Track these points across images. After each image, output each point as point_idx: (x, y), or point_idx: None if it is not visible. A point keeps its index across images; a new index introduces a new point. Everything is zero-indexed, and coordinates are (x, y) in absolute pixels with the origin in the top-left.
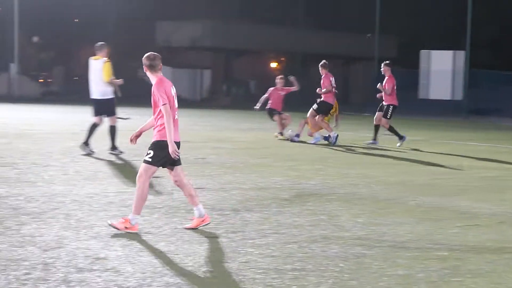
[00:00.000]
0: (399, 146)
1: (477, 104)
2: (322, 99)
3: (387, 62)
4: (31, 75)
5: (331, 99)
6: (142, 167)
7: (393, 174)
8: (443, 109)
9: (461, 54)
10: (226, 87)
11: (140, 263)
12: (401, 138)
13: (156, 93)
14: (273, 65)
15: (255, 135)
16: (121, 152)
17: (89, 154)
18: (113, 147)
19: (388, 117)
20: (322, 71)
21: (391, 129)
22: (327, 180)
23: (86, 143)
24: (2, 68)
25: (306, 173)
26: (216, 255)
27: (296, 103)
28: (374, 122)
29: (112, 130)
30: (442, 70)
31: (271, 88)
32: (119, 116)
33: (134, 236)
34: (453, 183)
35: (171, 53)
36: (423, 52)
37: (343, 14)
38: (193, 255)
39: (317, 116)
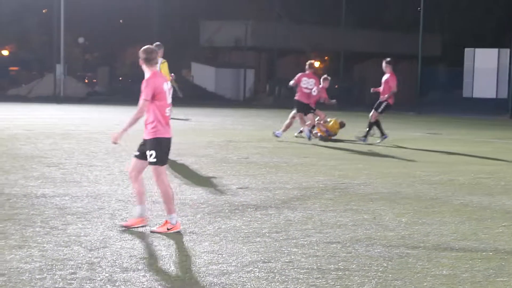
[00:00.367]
0: (378, 142)
1: None
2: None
3: (388, 59)
4: (76, 75)
5: (304, 98)
6: (151, 170)
7: (436, 173)
8: (488, 107)
9: (506, 52)
10: (269, 86)
11: (184, 263)
12: (382, 135)
13: (143, 87)
14: (316, 64)
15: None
16: None
17: None
18: None
19: (379, 111)
20: (307, 70)
21: (377, 124)
22: (370, 179)
23: None
24: (48, 68)
25: (349, 172)
26: (259, 255)
27: (340, 101)
28: (372, 120)
29: None
30: (486, 68)
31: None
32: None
33: (177, 236)
34: (497, 182)
35: (214, 53)
36: (468, 51)
37: (386, 13)
38: (237, 255)
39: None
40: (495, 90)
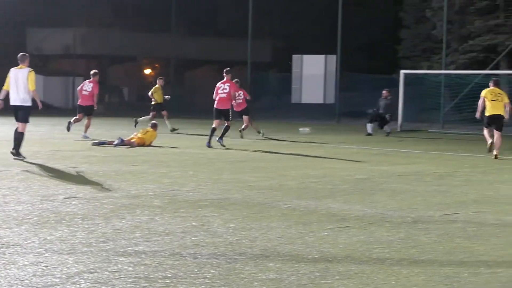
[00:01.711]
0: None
1: (350, 107)
2: None
3: (228, 69)
4: None
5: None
6: None
7: (265, 179)
8: (316, 112)
9: (333, 58)
10: (99, 94)
11: (7, 276)
12: (209, 143)
13: None
14: (147, 71)
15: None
16: (24, 157)
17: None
18: (17, 153)
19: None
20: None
21: (213, 132)
22: (199, 186)
23: (17, 152)
24: None
25: (179, 180)
26: (86, 265)
27: (172, 108)
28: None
29: (20, 137)
30: (314, 74)
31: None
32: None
33: (1, 249)
34: (324, 186)
35: (43, 61)
36: (295, 57)
37: (218, 19)
38: (62, 266)
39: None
40: (323, 96)
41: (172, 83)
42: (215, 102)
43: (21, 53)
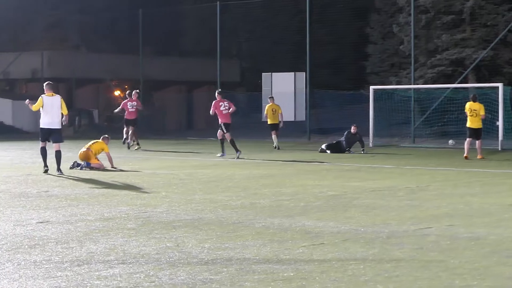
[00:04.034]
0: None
1: (319, 124)
2: None
3: (219, 90)
4: None
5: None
6: None
7: (238, 198)
8: (287, 130)
9: (302, 76)
10: (68, 117)
11: None
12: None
13: None
14: (117, 93)
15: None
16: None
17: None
18: (58, 169)
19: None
20: None
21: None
22: (172, 206)
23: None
24: None
25: (152, 201)
26: None
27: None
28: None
29: (59, 155)
30: (284, 92)
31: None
32: None
33: None
34: (297, 203)
35: (10, 85)
36: (265, 75)
37: (184, 40)
38: None
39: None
40: (294, 113)
41: (142, 104)
42: (222, 118)
43: (49, 82)
